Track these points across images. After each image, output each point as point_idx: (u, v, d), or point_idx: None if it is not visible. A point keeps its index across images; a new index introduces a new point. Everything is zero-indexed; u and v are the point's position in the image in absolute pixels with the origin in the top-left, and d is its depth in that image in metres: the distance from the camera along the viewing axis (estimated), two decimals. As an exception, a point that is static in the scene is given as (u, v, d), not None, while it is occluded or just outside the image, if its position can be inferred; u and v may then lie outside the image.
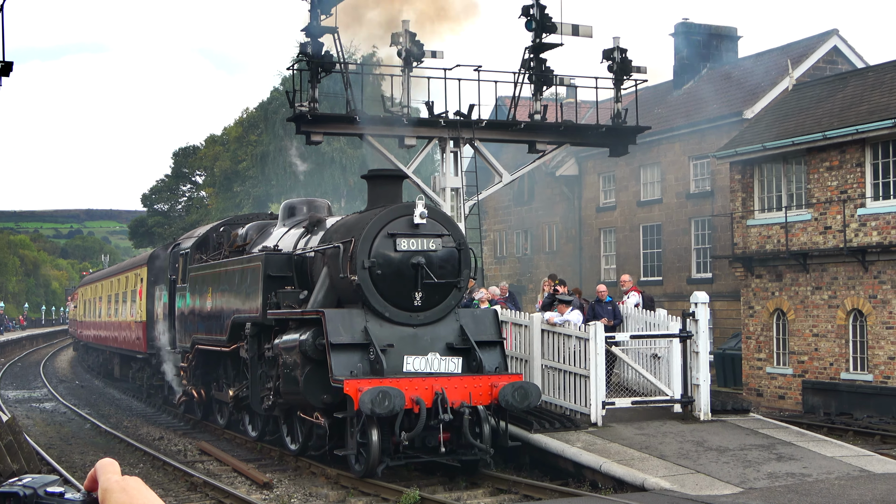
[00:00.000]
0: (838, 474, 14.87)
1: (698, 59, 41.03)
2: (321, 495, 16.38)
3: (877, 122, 24.32)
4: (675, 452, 15.82)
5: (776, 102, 31.45)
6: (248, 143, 66.67)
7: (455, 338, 16.20)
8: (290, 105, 21.93)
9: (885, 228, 24.55)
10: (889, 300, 24.53)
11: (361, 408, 14.04)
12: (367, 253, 15.79)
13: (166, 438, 24.21)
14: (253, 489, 17.11)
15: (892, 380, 24.46)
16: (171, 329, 26.10)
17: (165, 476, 18.96)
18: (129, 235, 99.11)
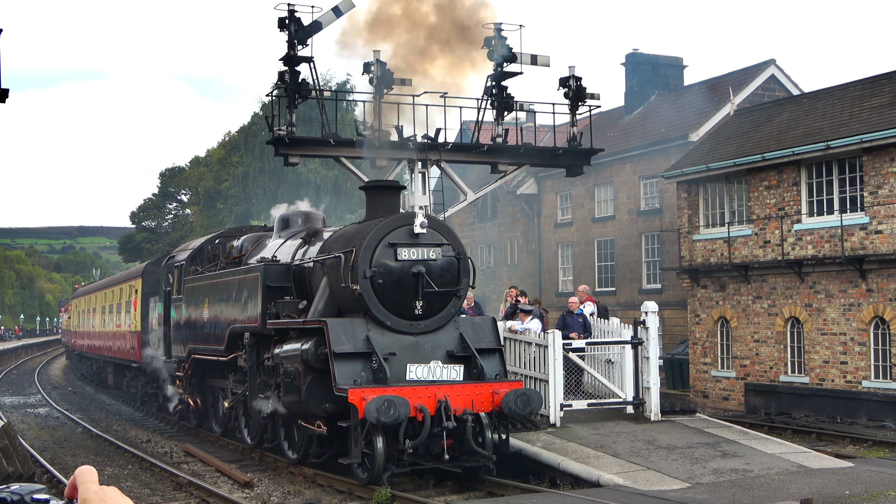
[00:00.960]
0: (778, 470, 14.94)
1: (647, 87, 41.30)
2: (298, 493, 16.29)
3: (811, 145, 24.52)
4: (628, 451, 15.83)
5: (719, 126, 31.66)
6: (231, 164, 66.48)
7: (455, 345, 15.51)
8: (269, 129, 21.86)
9: (819, 242, 24.73)
10: (823, 308, 24.70)
11: (367, 416, 13.35)
12: (368, 262, 15.08)
13: (153, 441, 24.02)
14: (235, 488, 16.99)
15: (826, 382, 24.61)
16: (165, 339, 25.06)
17: (152, 476, 18.80)
18: (119, 251, 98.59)
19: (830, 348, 24.54)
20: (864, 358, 23.74)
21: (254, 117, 62.06)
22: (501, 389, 14.51)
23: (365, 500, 14.65)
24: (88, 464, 13.51)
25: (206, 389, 22.82)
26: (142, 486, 17.73)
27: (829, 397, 24.53)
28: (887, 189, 22.96)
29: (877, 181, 23.23)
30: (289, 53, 21.21)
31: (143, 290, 29.19)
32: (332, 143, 22.09)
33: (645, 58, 41.13)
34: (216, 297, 20.42)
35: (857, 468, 15.22)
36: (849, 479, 14.23)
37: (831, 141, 23.86)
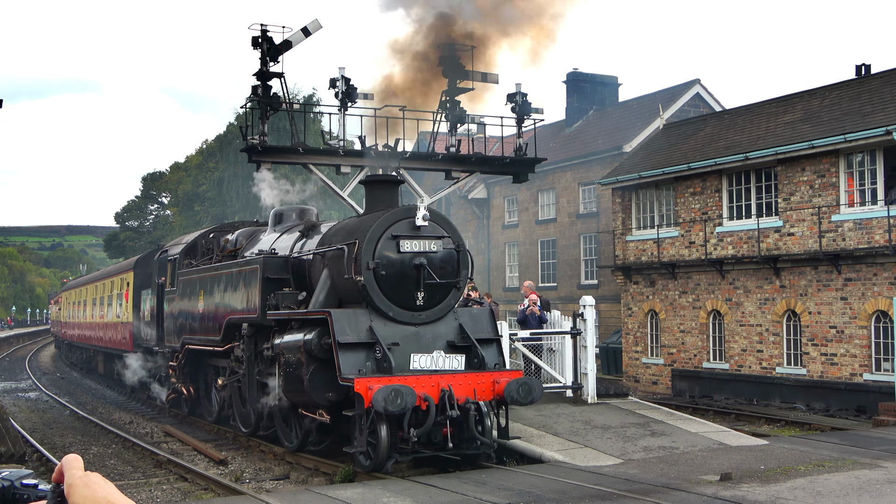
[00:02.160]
0: (701, 447, 15.05)
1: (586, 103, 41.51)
2: (269, 470, 16.18)
3: (731, 156, 24.76)
4: (568, 430, 15.88)
5: (650, 139, 31.88)
6: (208, 169, 65.94)
7: (455, 336, 14.56)
8: (243, 138, 21.70)
9: (738, 243, 24.98)
10: (742, 302, 24.96)
11: (374, 406, 12.36)
12: (371, 254, 14.08)
13: (135, 422, 23.75)
14: (210, 465, 16.85)
15: (744, 368, 24.87)
16: (158, 330, 23.83)
17: (135, 455, 18.59)
18: (104, 248, 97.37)
19: (748, 338, 24.80)
20: (777, 347, 24.02)
21: (229, 127, 61.70)
22: (502, 378, 13.68)
23: (329, 476, 14.58)
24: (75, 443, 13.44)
25: (198, 378, 21.76)
26: (124, 464, 17.53)
27: (746, 382, 24.80)
28: (798, 196, 23.24)
29: (789, 189, 23.50)
30: (261, 69, 21.09)
31: (134, 282, 28.18)
32: (300, 150, 22.01)
33: (584, 76, 41.34)
34: (212, 289, 19.30)
35: (771, 445, 15.37)
36: (764, 455, 14.37)
37: (749, 153, 24.11)
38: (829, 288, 22.45)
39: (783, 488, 11.67)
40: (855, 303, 21.84)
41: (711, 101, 36.49)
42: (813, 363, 22.92)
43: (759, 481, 12.16)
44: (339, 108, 22.34)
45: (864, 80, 25.02)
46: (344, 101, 22.18)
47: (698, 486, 11.96)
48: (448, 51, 22.63)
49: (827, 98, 24.59)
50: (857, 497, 11.07)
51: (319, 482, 14.41)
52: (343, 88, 22.09)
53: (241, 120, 48.26)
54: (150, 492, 14.69)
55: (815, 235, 22.66)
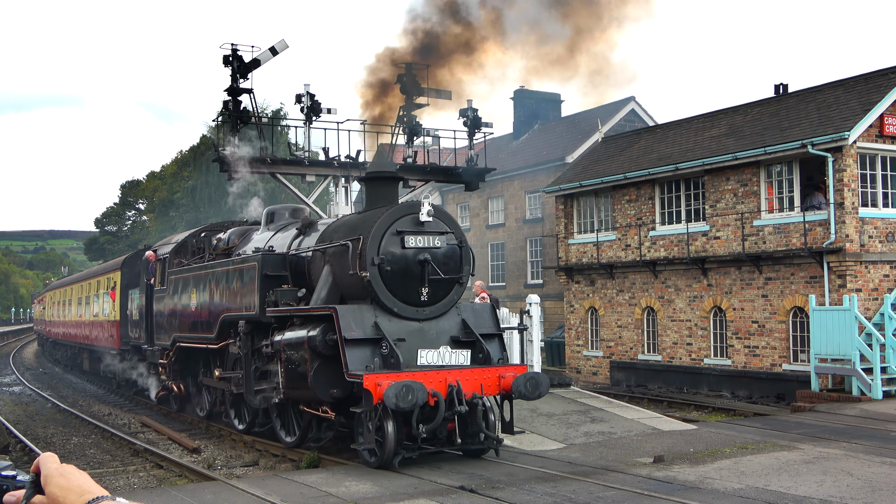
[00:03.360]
0: (637, 432, 15.17)
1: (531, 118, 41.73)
2: (239, 457, 16.04)
3: (663, 167, 24.99)
4: (516, 418, 15.91)
5: (589, 150, 32.08)
6: (182, 178, 65.31)
7: (458, 331, 13.54)
8: (215, 149, 21.56)
9: (669, 246, 25.22)
10: (673, 300, 25.20)
11: (386, 402, 11.40)
12: (376, 250, 13.06)
13: (114, 414, 23.42)
14: (184, 453, 16.65)
15: (675, 360, 25.11)
16: (147, 328, 22.30)
17: (113, 444, 18.33)
18: (85, 251, 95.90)
19: (679, 332, 25.04)
20: (705, 340, 24.27)
21: (202, 138, 61.18)
22: (507, 373, 12.76)
23: (296, 462, 14.47)
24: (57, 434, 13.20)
25: (188, 376, 20.38)
26: (103, 453, 17.27)
27: (677, 372, 25.03)
28: (724, 203, 23.51)
29: (715, 196, 23.77)
30: (232, 86, 20.93)
31: (121, 282, 26.80)
32: (268, 161, 21.90)
33: (529, 94, 41.55)
34: (206, 287, 18.00)
35: (700, 430, 15.53)
36: (693, 438, 14.52)
37: (679, 164, 24.35)
38: (752, 286, 22.74)
39: (710, 469, 11.80)
40: (774, 300, 22.13)
41: (645, 117, 36.86)
42: (737, 355, 23.19)
43: (688, 463, 12.27)
44: (305, 122, 22.25)
45: (782, 98, 25.40)
46: (309, 115, 22.11)
47: (634, 467, 12.04)
48: (406, 69, 22.62)
49: (749, 114, 24.91)
50: (776, 476, 11.22)
51: (286, 468, 14.30)
52: (308, 103, 22.03)
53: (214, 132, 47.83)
54: (128, 479, 14.48)
55: (738, 239, 22.93)
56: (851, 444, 13.54)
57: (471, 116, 23.80)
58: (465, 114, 23.86)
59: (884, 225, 21.14)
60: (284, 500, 10.46)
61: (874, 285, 20.76)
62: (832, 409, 17.68)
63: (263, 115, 29.37)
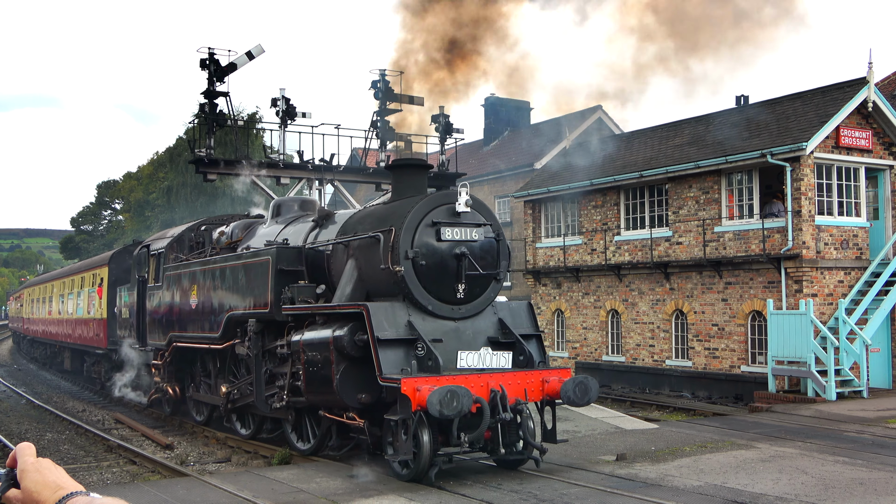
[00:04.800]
0: (600, 430, 15.24)
1: (501, 124, 41.83)
2: (212, 453, 15.92)
3: (628, 174, 25.14)
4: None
5: (557, 157, 32.18)
6: (158, 179, 64.84)
7: (496, 331, 12.30)
8: (191, 151, 21.42)
9: (633, 251, 25.37)
10: (636, 303, 25.34)
11: (429, 409, 10.09)
12: (410, 242, 11.74)
13: (88, 411, 23.17)
14: (158, 450, 16.51)
15: (638, 361, 25.25)
16: (139, 327, 20.45)
17: (87, 440, 18.13)
18: (61, 250, 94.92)
19: (642, 334, 25.19)
20: (667, 342, 24.44)
21: (178, 140, 60.74)
22: (551, 377, 11.56)
23: (268, 459, 14.38)
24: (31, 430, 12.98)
25: (184, 378, 18.71)
26: (77, 449, 17.08)
27: (640, 373, 25.18)
28: (686, 210, 23.69)
29: (678, 203, 23.95)
30: (209, 89, 20.82)
31: (109, 278, 24.97)
32: (244, 162, 21.81)
33: (500, 101, 41.64)
34: (209, 284, 16.34)
35: (662, 429, 15.64)
36: (655, 437, 14.61)
37: (644, 171, 24.49)
38: (712, 290, 22.93)
39: (671, 466, 11.88)
40: (734, 304, 22.34)
41: (612, 125, 37.07)
42: (698, 357, 23.37)
43: (650, 461, 12.35)
44: (280, 125, 22.17)
45: (743, 109, 25.66)
46: (284, 119, 22.04)
47: (597, 465, 12.10)
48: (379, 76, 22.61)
49: (711, 124, 25.13)
50: (734, 474, 11.31)
51: (258, 464, 14.21)
52: (283, 107, 21.97)
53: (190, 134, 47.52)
54: (101, 474, 14.33)
55: (699, 244, 23.11)
56: (806, 444, 13.70)
57: (443, 122, 23.83)
58: (437, 120, 23.90)
59: (839, 233, 21.41)
60: (257, 496, 10.40)
61: (829, 290, 21.02)
62: (788, 409, 17.86)
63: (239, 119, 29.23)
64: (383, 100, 22.89)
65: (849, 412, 17.21)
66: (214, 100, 21.01)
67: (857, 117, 21.78)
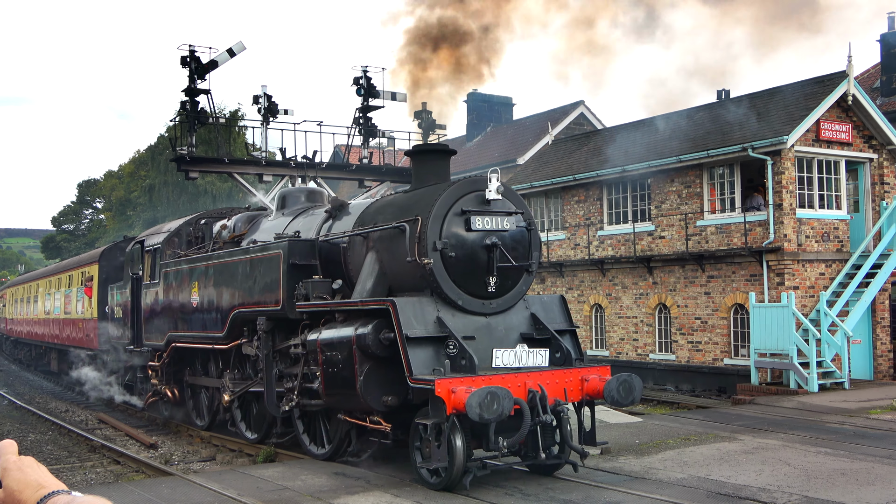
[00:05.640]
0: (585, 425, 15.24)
1: (484, 120, 41.86)
2: (196, 452, 15.87)
3: (610, 169, 25.21)
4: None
5: (540, 153, 32.24)
6: (139, 177, 64.53)
7: (528, 327, 11.45)
8: (172, 149, 21.30)
9: (616, 245, 25.46)
10: (620, 297, 25.44)
11: (469, 413, 9.21)
12: (438, 233, 10.90)
13: (71, 411, 23.04)
14: (141, 449, 16.45)
15: (622, 355, 25.35)
16: (134, 327, 19.33)
17: (70, 441, 18.04)
18: (41, 249, 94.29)
19: (625, 328, 25.29)
20: (650, 336, 24.54)
21: (160, 138, 60.53)
22: (590, 376, 10.72)
23: (253, 457, 14.36)
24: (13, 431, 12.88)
25: (184, 380, 17.69)
26: (60, 450, 16.99)
27: (624, 367, 25.18)
28: (668, 204, 23.79)
29: (660, 198, 24.05)
30: (190, 86, 20.72)
31: (99, 276, 23.72)
32: (226, 160, 21.73)
33: (482, 97, 41.67)
34: (211, 280, 15.31)
35: (645, 422, 15.71)
36: (639, 430, 14.67)
37: (626, 166, 24.57)
38: (695, 284, 23.04)
39: (655, 459, 11.94)
40: (716, 297, 22.46)
41: (594, 120, 37.16)
42: (681, 350, 23.48)
43: (634, 454, 12.40)
44: (262, 123, 22.10)
45: (724, 103, 25.78)
46: (266, 116, 21.97)
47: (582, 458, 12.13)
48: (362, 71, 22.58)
49: (692, 118, 25.23)
50: (717, 466, 11.38)
51: (243, 463, 14.18)
52: (265, 104, 21.90)
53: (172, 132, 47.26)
54: (85, 474, 14.26)
55: (682, 238, 23.22)
56: (789, 435, 13.80)
57: (425, 118, 23.83)
58: (419, 115, 23.89)
59: (820, 225, 21.56)
60: (241, 494, 10.38)
61: (811, 283, 21.17)
62: (771, 401, 17.98)
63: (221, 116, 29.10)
64: (366, 96, 22.86)
65: (831, 403, 17.35)
66: (196, 97, 20.91)
67: (838, 111, 21.93)
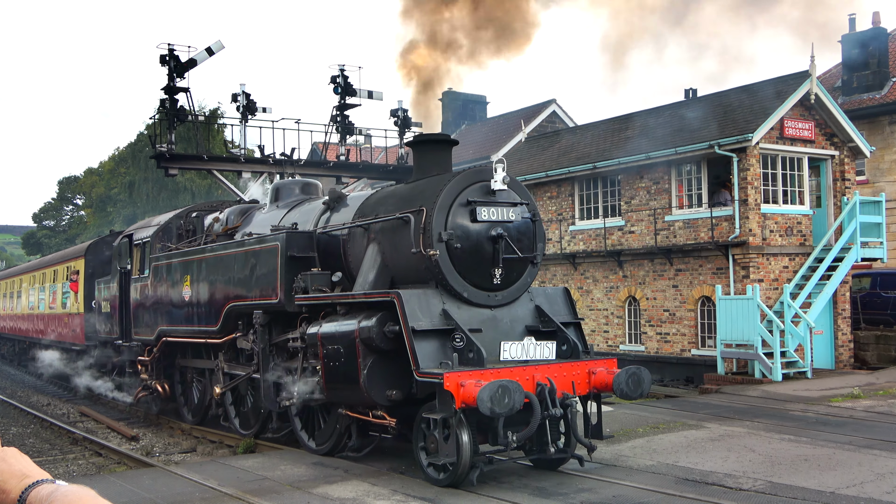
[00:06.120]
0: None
1: (459, 118, 41.86)
2: (177, 444, 15.78)
3: (581, 166, 25.29)
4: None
5: (514, 150, 32.29)
6: (119, 174, 64.01)
7: (533, 319, 11.06)
8: (152, 146, 21.13)
9: (588, 240, 25.57)
10: (591, 290, 25.55)
11: (480, 407, 8.83)
12: (443, 223, 10.48)
13: (53, 404, 22.83)
14: (123, 441, 16.35)
15: (594, 346, 25.41)
16: (123, 321, 18.71)
17: (52, 434, 17.89)
18: (22, 245, 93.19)
19: (596, 320, 25.41)
20: (621, 327, 24.68)
21: (139, 136, 60.06)
22: (598, 368, 10.38)
23: (233, 448, 14.31)
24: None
25: (174, 375, 17.31)
26: (43, 443, 16.84)
27: (595, 358, 25.35)
28: (637, 200, 23.92)
29: (630, 193, 24.17)
30: (169, 84, 20.57)
31: (86, 270, 23.07)
32: (205, 158, 21.62)
33: (457, 95, 41.67)
34: (204, 274, 14.78)
35: (616, 411, 15.79)
36: (609, 419, 14.70)
37: (597, 162, 24.67)
38: (663, 277, 23.20)
39: (625, 447, 12.02)
40: (684, 290, 22.63)
41: (566, 118, 37.23)
42: (650, 341, 23.64)
43: (605, 442, 12.48)
44: (241, 120, 21.99)
45: (691, 102, 25.95)
46: (245, 114, 21.86)
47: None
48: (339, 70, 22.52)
49: (661, 117, 25.38)
50: (685, 453, 11.49)
51: (224, 454, 14.13)
52: (244, 102, 21.78)
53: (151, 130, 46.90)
54: (67, 466, 14.15)
55: (651, 233, 23.36)
56: (754, 423, 13.94)
57: (401, 116, 23.80)
58: (395, 114, 23.86)
59: (783, 220, 21.78)
60: (222, 484, 10.35)
61: (775, 276, 21.39)
62: (736, 390, 18.15)
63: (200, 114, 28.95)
64: (343, 94, 22.81)
65: (794, 392, 17.55)
66: (175, 95, 20.77)
67: (801, 109, 22.15)
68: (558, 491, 9.61)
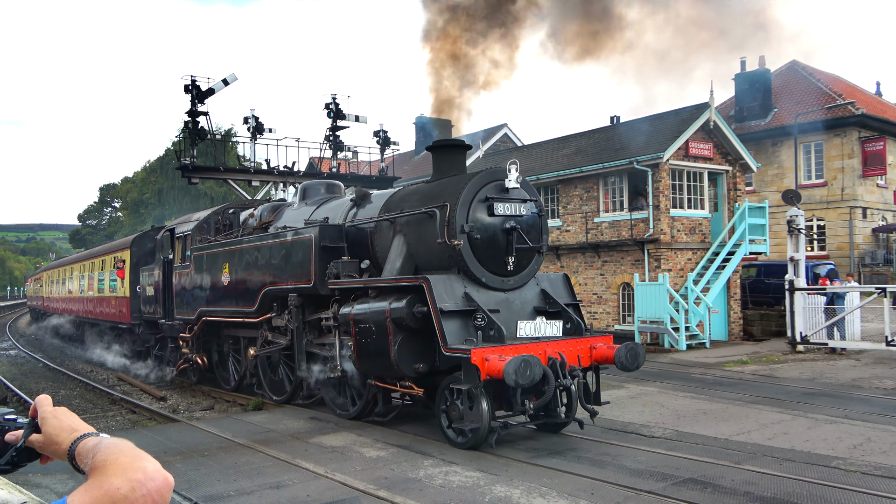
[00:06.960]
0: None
1: (428, 138, 41.78)
2: (198, 403, 15.63)
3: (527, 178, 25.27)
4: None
5: (473, 164, 32.25)
6: (150, 182, 63.13)
7: (540, 301, 10.64)
8: (177, 159, 20.89)
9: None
10: (535, 278, 25.58)
11: (506, 379, 8.48)
12: (465, 217, 10.09)
13: (95, 371, 22.48)
14: (153, 401, 16.14)
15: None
16: (165, 303, 18.02)
17: (94, 395, 17.62)
18: (69, 241, 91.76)
19: (539, 302, 25.41)
20: (558, 308, 24.74)
21: (167, 151, 59.32)
22: (598, 344, 10.04)
23: (244, 406, 14.19)
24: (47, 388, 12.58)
25: (211, 348, 16.59)
26: (86, 402, 16.59)
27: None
28: (572, 205, 24.02)
29: (566, 200, 24.26)
30: (191, 109, 20.34)
31: (131, 260, 22.25)
32: (221, 169, 21.42)
33: (427, 119, 41.62)
34: (242, 262, 14.04)
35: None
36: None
37: (540, 175, 24.72)
38: (593, 267, 23.33)
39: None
40: (609, 277, 22.78)
41: (515, 139, 37.34)
42: (582, 318, 23.72)
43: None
44: (251, 139, 21.80)
45: (615, 126, 26.10)
46: (254, 133, 21.69)
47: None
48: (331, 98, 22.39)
49: (591, 138, 25.49)
50: (609, 408, 11.52)
51: (236, 411, 14.00)
52: (254, 124, 21.62)
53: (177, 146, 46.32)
54: (107, 422, 13.96)
55: (583, 232, 23.47)
56: (664, 384, 14.09)
57: (382, 136, 23.75)
58: (378, 134, 23.79)
59: (688, 222, 22.02)
60: (235, 436, 10.27)
61: (681, 266, 21.62)
62: (651, 358, 18.34)
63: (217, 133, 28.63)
64: (335, 118, 22.69)
65: (695, 359, 17.76)
66: (196, 118, 20.54)
67: (702, 133, 22.38)
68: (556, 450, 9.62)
